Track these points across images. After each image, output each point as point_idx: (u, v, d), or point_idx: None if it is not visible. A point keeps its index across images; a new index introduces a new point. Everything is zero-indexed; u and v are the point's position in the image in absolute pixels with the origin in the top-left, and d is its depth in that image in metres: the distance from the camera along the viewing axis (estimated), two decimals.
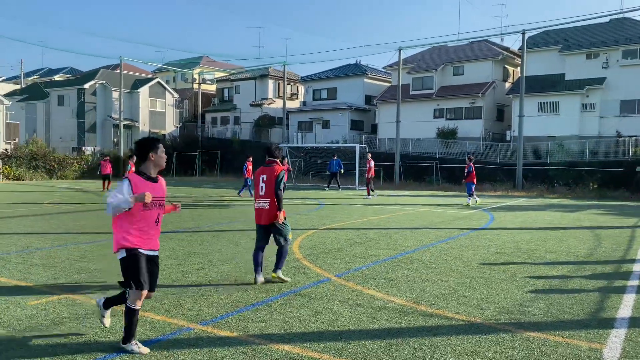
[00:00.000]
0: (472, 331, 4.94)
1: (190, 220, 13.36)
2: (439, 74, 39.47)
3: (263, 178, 6.76)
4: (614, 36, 33.26)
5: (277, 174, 6.68)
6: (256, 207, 6.81)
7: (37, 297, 5.90)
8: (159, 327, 4.92)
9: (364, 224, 13.09)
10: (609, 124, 32.03)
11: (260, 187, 6.76)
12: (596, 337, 4.82)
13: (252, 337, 4.69)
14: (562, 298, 6.16)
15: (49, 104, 47.89)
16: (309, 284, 6.66)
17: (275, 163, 6.83)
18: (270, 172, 6.74)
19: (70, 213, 14.97)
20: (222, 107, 52.73)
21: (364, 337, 4.72)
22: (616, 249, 9.87)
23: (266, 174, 6.76)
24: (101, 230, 11.40)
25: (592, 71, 33.17)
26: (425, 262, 8.25)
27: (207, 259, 8.28)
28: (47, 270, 7.29)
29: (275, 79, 49.61)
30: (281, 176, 6.69)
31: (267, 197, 6.70)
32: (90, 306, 5.53)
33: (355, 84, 45.28)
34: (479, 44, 40.45)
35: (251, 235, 10.79)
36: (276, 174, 6.68)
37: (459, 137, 36.27)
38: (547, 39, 36.17)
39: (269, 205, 6.68)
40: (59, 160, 36.48)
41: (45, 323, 4.99)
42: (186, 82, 57.63)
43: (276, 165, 6.80)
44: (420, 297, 6.13)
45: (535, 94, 33.89)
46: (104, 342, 4.50)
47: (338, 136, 42.22)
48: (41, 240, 9.90)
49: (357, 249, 9.40)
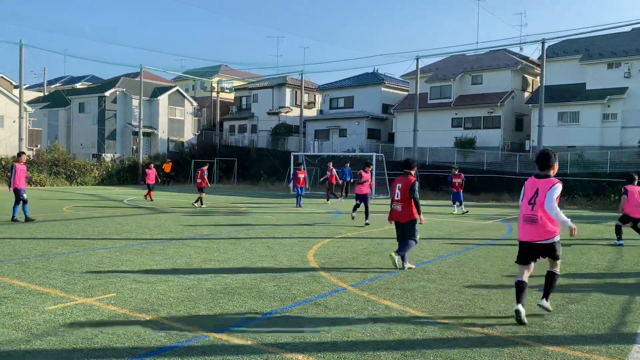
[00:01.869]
0: (489, 344, 4.86)
1: (207, 228, 13.42)
2: (457, 83, 39.27)
3: (399, 186, 8.44)
4: (636, 45, 32.78)
5: (411, 184, 8.32)
6: (392, 208, 8.60)
7: (54, 302, 5.96)
8: (174, 334, 4.93)
9: (380, 234, 13.02)
10: (631, 135, 31.49)
11: (396, 193, 8.44)
12: (617, 352, 4.70)
13: (266, 345, 4.68)
14: (581, 312, 6.04)
15: (71, 111, 48.74)
16: (324, 293, 6.63)
17: (410, 174, 8.50)
18: (405, 181, 8.40)
19: (88, 219, 15.16)
20: (240, 115, 53.12)
21: (379, 348, 4.68)
22: (638, 262, 9.66)
23: (401, 183, 8.43)
24: (119, 237, 11.52)
25: (613, 81, 32.69)
26: (441, 272, 8.16)
27: (223, 266, 8.30)
28: (66, 275, 7.38)
29: (292, 87, 49.86)
30: (415, 185, 8.35)
31: (401, 202, 8.37)
32: (107, 312, 5.57)
33: (372, 92, 45.27)
34: (497, 53, 40.20)
35: (267, 243, 10.81)
36: (410, 184, 8.32)
37: (477, 146, 35.98)
38: (567, 48, 35.79)
39: (402, 207, 8.38)
40: (79, 167, 37.07)
41: (62, 328, 5.04)
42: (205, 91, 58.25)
43: (411, 176, 8.48)
44: (436, 308, 6.06)
45: (555, 104, 33.50)
46: (119, 348, 4.53)
47: (355, 145, 42.19)
48: (60, 246, 10.04)
49: (373, 258, 9.35)
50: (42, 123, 47.60)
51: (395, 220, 8.52)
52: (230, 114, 54.79)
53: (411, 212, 8.32)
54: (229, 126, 53.61)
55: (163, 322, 5.26)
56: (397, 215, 8.47)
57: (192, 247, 10.21)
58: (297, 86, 47.50)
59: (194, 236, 11.78)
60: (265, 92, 51.16)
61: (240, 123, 52.77)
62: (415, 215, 8.32)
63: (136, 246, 10.20)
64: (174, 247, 10.10)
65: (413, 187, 8.31)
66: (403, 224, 8.42)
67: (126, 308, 5.75)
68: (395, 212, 8.51)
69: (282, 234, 12.58)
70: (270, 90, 50.70)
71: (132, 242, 10.69)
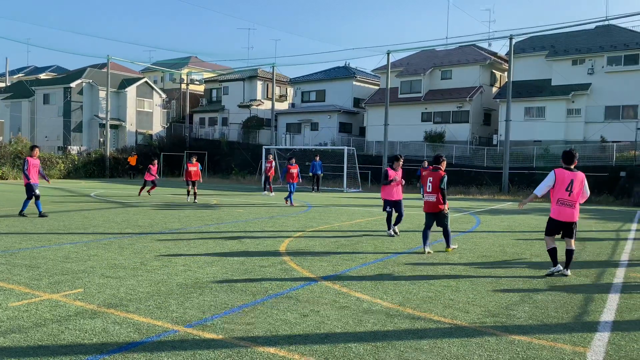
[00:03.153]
0: (458, 334, 4.96)
1: (177, 222, 13.26)
2: (427, 78, 39.70)
3: (430, 179, 9.39)
4: (600, 43, 33.74)
5: (441, 177, 9.29)
6: (425, 200, 9.53)
7: (18, 298, 5.80)
8: (143, 329, 4.86)
9: (351, 227, 13.10)
10: (594, 130, 32.45)
11: (427, 186, 9.38)
12: (580, 340, 4.86)
13: (237, 339, 4.66)
14: (547, 302, 6.21)
15: (35, 102, 47.31)
16: (296, 287, 6.64)
17: (439, 169, 9.45)
18: (436, 175, 9.35)
19: (54, 213, 14.78)
20: (210, 107, 52.51)
21: (351, 340, 4.71)
22: (600, 253, 9.98)
23: (432, 177, 9.38)
24: (86, 231, 11.28)
25: (577, 77, 33.59)
26: (412, 264, 8.27)
27: (193, 260, 8.22)
28: (30, 270, 7.19)
29: (264, 80, 49.53)
30: (444, 179, 9.30)
31: (434, 193, 9.32)
32: (74, 307, 5.45)
33: (344, 86, 45.37)
34: (467, 48, 40.77)
35: (238, 237, 10.74)
36: (440, 177, 9.29)
37: (447, 140, 36.50)
38: (534, 44, 36.57)
39: (435, 199, 9.31)
40: (44, 160, 36.03)
41: (27, 325, 4.91)
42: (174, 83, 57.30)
43: (441, 170, 9.42)
44: (406, 299, 6.14)
45: (521, 99, 34.24)
46: (86, 345, 4.44)
47: (327, 138, 42.25)
48: (24, 241, 9.76)
49: (344, 251, 9.40)
50: (4, 114, 46.11)
51: (432, 211, 9.41)
52: (200, 106, 54.11)
53: (442, 202, 9.30)
54: (199, 119, 52.94)
55: (132, 317, 5.18)
56: (432, 206, 9.38)
57: (162, 241, 10.08)
58: (269, 79, 47.21)
59: (164, 230, 11.63)
60: (236, 85, 50.68)
61: (210, 116, 52.17)
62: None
63: (104, 241, 10.01)
64: (143, 242, 9.95)
65: (443, 180, 9.25)
66: (438, 213, 9.37)
67: (94, 303, 5.64)
68: (429, 203, 9.41)
69: (253, 227, 12.52)
70: (241, 82, 50.25)
71: (100, 237, 10.48)
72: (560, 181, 7.54)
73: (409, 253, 9.40)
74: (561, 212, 7.56)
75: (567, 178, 7.50)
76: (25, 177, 13.64)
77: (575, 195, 7.48)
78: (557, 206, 7.59)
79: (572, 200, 7.48)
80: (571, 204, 7.50)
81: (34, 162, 13.81)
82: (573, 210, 7.52)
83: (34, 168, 13.74)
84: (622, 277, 7.70)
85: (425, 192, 9.48)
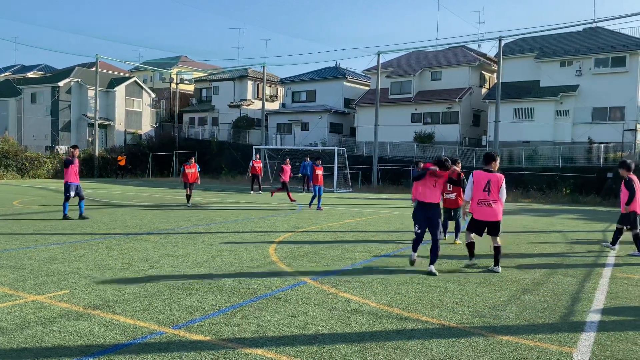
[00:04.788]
0: (446, 335, 4.96)
1: (165, 222, 13.18)
2: (417, 79, 39.82)
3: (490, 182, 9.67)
4: (587, 45, 34.03)
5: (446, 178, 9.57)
6: (445, 197, 10.39)
7: (3, 299, 5.73)
8: (130, 330, 4.82)
9: (341, 227, 13.09)
10: (582, 131, 32.73)
11: (448, 185, 10.05)
12: (566, 340, 4.89)
13: (225, 341, 4.63)
14: (534, 302, 6.24)
15: (22, 101, 46.81)
16: (284, 287, 6.61)
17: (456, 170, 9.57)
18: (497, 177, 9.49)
19: (40, 213, 14.62)
20: (200, 107, 52.28)
21: (338, 341, 4.70)
22: (587, 253, 10.06)
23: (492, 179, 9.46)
24: (73, 232, 11.17)
25: (566, 79, 33.86)
26: (400, 265, 8.28)
27: (181, 261, 8.16)
28: (15, 272, 7.10)
29: (254, 80, 49.40)
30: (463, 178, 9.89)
31: (454, 191, 10.38)
32: (60, 309, 5.39)
33: (334, 87, 45.38)
34: (456, 49, 40.94)
35: (227, 238, 10.69)
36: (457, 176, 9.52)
37: (436, 141, 36.63)
38: (523, 46, 36.81)
39: (455, 196, 10.37)
40: (31, 159, 35.65)
41: (11, 327, 4.85)
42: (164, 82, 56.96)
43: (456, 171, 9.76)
44: (395, 300, 6.14)
45: (510, 100, 34.45)
46: (71, 347, 4.39)
47: (317, 139, 42.23)
48: (9, 241, 9.64)
49: (333, 251, 9.39)
50: None
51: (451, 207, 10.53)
52: (190, 106, 53.84)
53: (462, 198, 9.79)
54: (188, 118, 52.69)
55: (118, 319, 5.13)
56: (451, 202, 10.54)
57: (150, 242, 10.00)
58: (259, 79, 47.09)
59: (152, 231, 11.54)
60: (226, 85, 50.50)
61: (200, 115, 51.94)
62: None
63: (91, 241, 9.91)
64: (130, 242, 9.87)
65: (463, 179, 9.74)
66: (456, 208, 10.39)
67: (79, 305, 5.58)
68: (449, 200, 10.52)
69: (242, 228, 12.47)
70: (231, 82, 50.08)
71: (87, 237, 10.38)
72: (477, 183, 7.94)
73: (398, 254, 9.41)
74: (482, 212, 7.91)
75: (484, 179, 7.90)
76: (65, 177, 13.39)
77: (494, 195, 7.86)
78: (478, 207, 7.93)
79: (491, 200, 7.86)
80: (489, 203, 7.87)
81: (75, 161, 13.49)
82: (493, 209, 7.85)
83: (73, 167, 13.41)
84: (608, 277, 7.76)
85: (446, 190, 10.30)
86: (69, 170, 13.36)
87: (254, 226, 12.83)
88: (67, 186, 13.34)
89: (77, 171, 13.60)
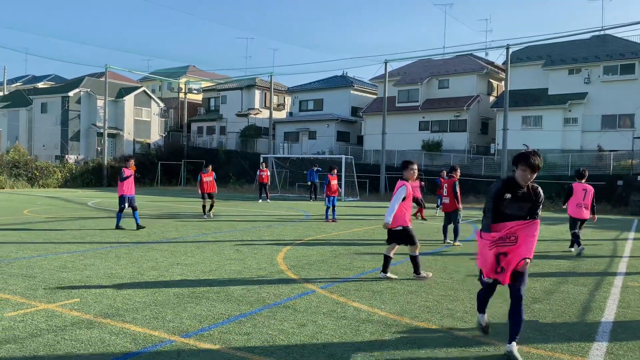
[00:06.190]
0: (456, 344, 4.94)
1: (174, 231, 13.23)
2: (425, 87, 39.85)
3: (445, 186, 11.82)
4: (596, 52, 33.94)
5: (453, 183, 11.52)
6: (443, 202, 12.08)
7: (14, 308, 5.77)
8: (140, 339, 4.84)
9: (349, 236, 13.08)
10: (591, 138, 32.56)
11: (444, 191, 11.95)
12: (578, 350, 4.84)
13: (234, 349, 4.63)
14: (544, 311, 6.19)
15: (32, 111, 47.30)
16: (293, 296, 6.61)
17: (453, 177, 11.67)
18: (450, 182, 11.63)
19: (51, 222, 14.73)
20: (208, 116, 52.57)
21: (348, 350, 4.69)
22: (598, 262, 9.98)
23: (447, 183, 11.76)
24: (82, 240, 11.24)
25: (574, 86, 33.75)
26: (409, 274, 8.25)
27: (190, 269, 8.19)
28: (26, 280, 7.15)
29: (262, 89, 49.65)
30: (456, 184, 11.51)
31: (448, 196, 11.63)
32: (70, 317, 5.42)
33: (341, 95, 45.50)
34: (464, 58, 40.98)
35: (235, 246, 10.70)
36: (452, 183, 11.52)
37: (444, 149, 36.57)
38: (530, 54, 36.78)
39: (449, 200, 11.60)
40: (41, 169, 35.97)
41: (23, 335, 4.88)
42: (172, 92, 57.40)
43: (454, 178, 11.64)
44: (404, 309, 6.12)
45: (518, 108, 34.36)
46: (82, 355, 4.41)
47: (324, 147, 42.29)
48: (20, 250, 9.72)
49: (342, 260, 9.38)
50: (1, 123, 46.08)
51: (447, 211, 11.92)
52: (198, 115, 54.16)
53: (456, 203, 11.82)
54: (197, 128, 52.98)
55: (128, 327, 5.15)
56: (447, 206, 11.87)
57: (159, 250, 10.04)
58: (267, 88, 47.31)
59: (161, 240, 11.59)
60: (234, 94, 50.78)
61: (208, 124, 52.22)
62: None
63: (101, 250, 9.97)
64: (139, 251, 9.91)
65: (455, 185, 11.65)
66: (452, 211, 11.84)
67: (90, 313, 5.61)
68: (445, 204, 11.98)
69: (250, 236, 12.49)
70: (239, 91, 50.36)
71: (97, 246, 10.45)
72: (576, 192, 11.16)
73: (406, 261, 9.38)
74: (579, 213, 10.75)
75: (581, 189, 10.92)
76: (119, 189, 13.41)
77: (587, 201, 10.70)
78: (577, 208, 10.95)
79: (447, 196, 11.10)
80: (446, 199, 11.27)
81: (129, 172, 13.40)
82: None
83: (130, 179, 13.36)
84: (620, 286, 7.69)
85: (443, 195, 11.72)
86: (123, 183, 13.27)
87: (262, 234, 12.84)
88: (122, 198, 13.28)
89: (133, 182, 13.50)
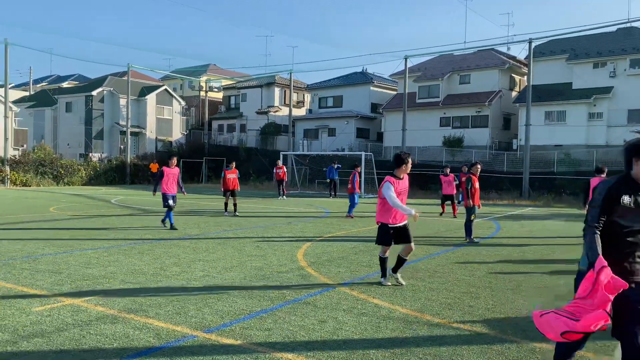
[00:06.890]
0: (478, 341, 4.89)
1: (196, 227, 13.37)
2: (445, 83, 39.47)
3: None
4: (621, 45, 33.17)
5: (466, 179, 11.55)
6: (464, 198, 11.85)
7: (41, 303, 5.90)
8: (163, 334, 4.91)
9: (369, 232, 13.04)
10: (617, 133, 31.86)
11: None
12: (603, 348, 4.76)
13: (255, 345, 4.67)
14: None
15: (57, 110, 48.25)
16: (314, 293, 6.63)
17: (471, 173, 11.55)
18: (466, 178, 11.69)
19: (76, 219, 15.02)
20: (228, 114, 52.94)
21: (369, 347, 4.69)
22: None
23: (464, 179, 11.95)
24: (106, 237, 11.43)
25: (599, 80, 33.05)
26: (430, 271, 8.20)
27: (212, 266, 8.27)
28: (53, 276, 7.31)
29: (281, 86, 49.78)
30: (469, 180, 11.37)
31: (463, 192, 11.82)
32: (95, 312, 5.53)
33: (361, 92, 45.34)
34: (485, 52, 40.45)
35: (256, 243, 10.77)
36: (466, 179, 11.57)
37: (465, 145, 36.19)
38: (553, 48, 36.11)
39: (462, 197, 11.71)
40: (66, 167, 36.69)
41: (50, 329, 4.99)
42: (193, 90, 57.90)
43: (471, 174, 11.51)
44: (425, 306, 6.09)
45: (541, 103, 33.79)
46: (107, 349, 4.50)
47: (344, 144, 42.23)
48: (47, 246, 9.94)
49: (362, 257, 9.37)
50: (27, 123, 47.06)
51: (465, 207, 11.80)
52: (218, 113, 54.58)
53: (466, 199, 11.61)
54: (217, 125, 53.40)
55: (152, 323, 5.23)
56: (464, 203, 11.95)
57: (181, 247, 10.16)
58: (286, 85, 47.42)
59: (183, 236, 11.73)
60: (254, 92, 51.02)
61: (229, 122, 52.59)
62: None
63: (124, 246, 10.13)
64: (162, 247, 10.05)
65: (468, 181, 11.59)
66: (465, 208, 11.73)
67: (114, 309, 5.71)
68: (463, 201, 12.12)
69: (271, 233, 12.56)
70: (259, 89, 50.58)
71: (120, 243, 10.62)
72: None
73: (428, 258, 9.33)
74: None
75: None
76: (155, 188, 13.41)
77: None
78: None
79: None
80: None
81: (170, 171, 13.15)
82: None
83: (171, 177, 13.12)
84: None
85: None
86: (163, 180, 13.04)
87: (282, 231, 12.90)
88: (165, 197, 12.99)
89: (175, 181, 13.19)
